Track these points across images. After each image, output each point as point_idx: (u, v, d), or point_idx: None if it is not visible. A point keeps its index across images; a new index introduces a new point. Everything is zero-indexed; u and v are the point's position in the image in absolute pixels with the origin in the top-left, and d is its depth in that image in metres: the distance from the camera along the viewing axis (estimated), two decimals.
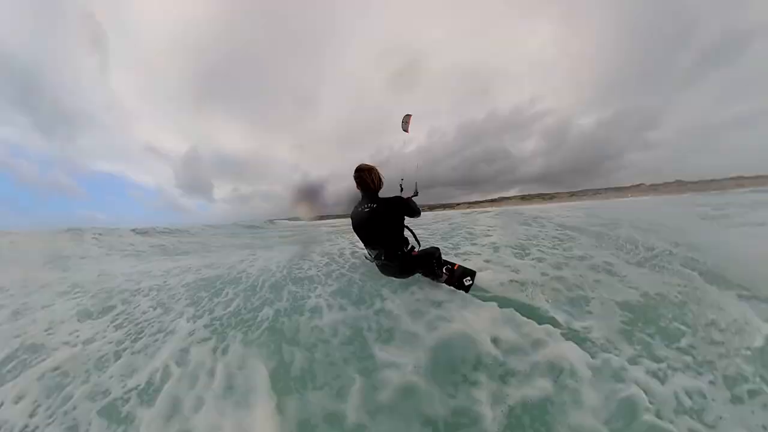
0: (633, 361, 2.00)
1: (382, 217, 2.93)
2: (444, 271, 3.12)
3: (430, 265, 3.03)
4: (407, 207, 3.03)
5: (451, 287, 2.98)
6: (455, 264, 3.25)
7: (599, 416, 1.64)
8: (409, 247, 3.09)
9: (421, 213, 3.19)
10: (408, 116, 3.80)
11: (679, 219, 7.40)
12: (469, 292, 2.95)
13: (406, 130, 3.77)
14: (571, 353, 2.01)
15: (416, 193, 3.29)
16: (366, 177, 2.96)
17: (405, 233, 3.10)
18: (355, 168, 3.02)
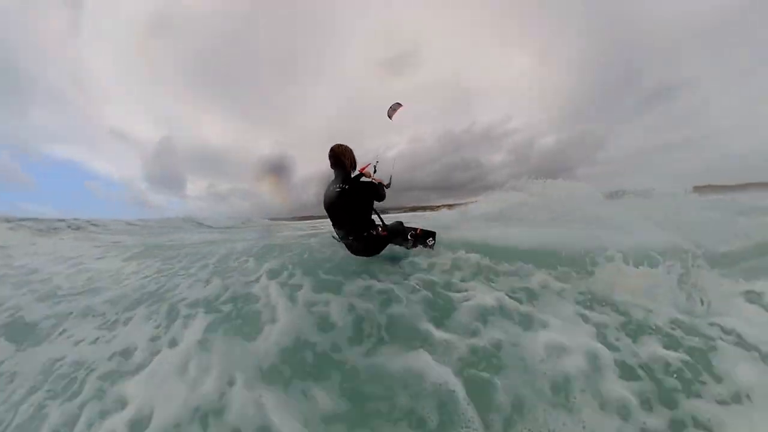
0: None
1: (351, 199, 3.01)
2: (410, 236, 3.48)
3: (404, 234, 3.42)
4: (376, 192, 3.14)
5: (419, 246, 3.45)
6: (417, 228, 3.59)
7: None
8: (377, 230, 3.19)
9: (383, 198, 3.36)
10: (398, 105, 3.76)
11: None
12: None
13: (390, 117, 3.75)
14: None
15: (389, 185, 3.42)
16: (340, 157, 3.06)
17: (372, 216, 3.25)
18: (330, 147, 3.10)
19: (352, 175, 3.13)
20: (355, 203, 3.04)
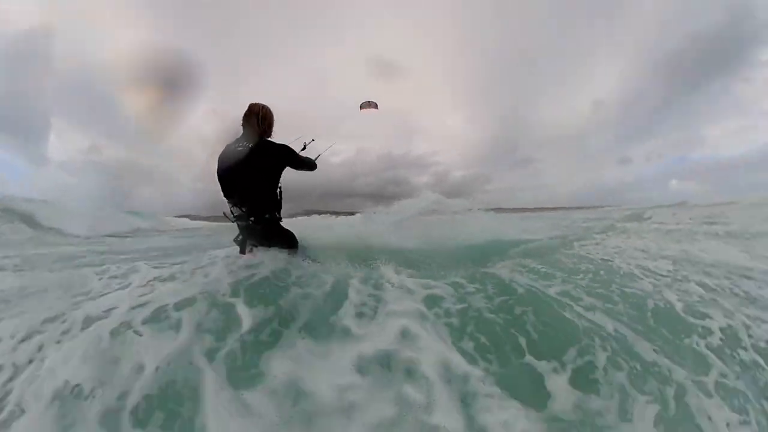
0: None
1: (257, 161, 2.30)
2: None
3: (294, 243, 2.71)
4: (293, 157, 2.52)
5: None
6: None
7: None
8: (279, 213, 2.55)
9: (315, 167, 2.83)
10: (374, 104, 3.51)
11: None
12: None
13: (361, 107, 3.60)
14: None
15: (314, 160, 2.88)
16: (253, 115, 2.40)
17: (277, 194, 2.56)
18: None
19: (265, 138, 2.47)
20: (262, 169, 2.36)
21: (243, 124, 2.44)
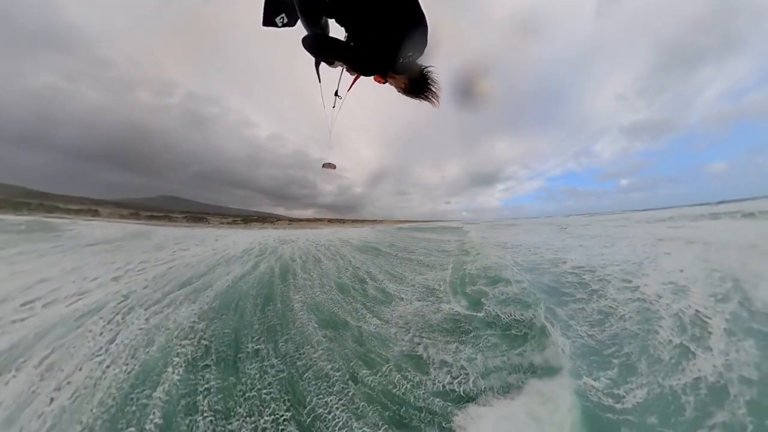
0: None
1: None
2: None
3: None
4: None
5: None
6: None
7: None
8: None
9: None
10: (332, 166, 3.63)
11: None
12: None
13: (322, 167, 3.65)
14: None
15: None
16: None
17: None
18: None
19: None
20: None
21: None
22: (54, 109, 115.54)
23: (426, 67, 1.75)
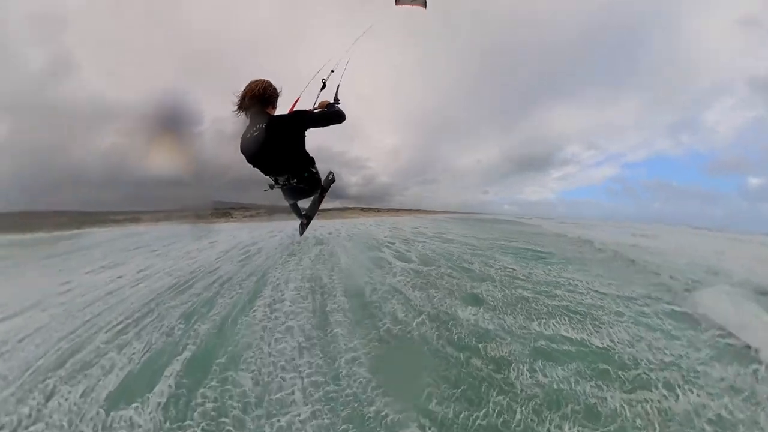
0: None
1: (276, 140, 2.27)
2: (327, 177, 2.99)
3: (328, 185, 2.93)
4: (308, 119, 2.40)
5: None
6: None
7: None
8: (314, 164, 2.65)
9: (343, 117, 2.56)
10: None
11: None
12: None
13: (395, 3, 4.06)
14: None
15: (337, 100, 2.81)
16: (252, 86, 2.27)
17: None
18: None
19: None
20: (284, 144, 2.34)
21: (242, 102, 2.28)
22: (123, 163, 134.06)
23: None
